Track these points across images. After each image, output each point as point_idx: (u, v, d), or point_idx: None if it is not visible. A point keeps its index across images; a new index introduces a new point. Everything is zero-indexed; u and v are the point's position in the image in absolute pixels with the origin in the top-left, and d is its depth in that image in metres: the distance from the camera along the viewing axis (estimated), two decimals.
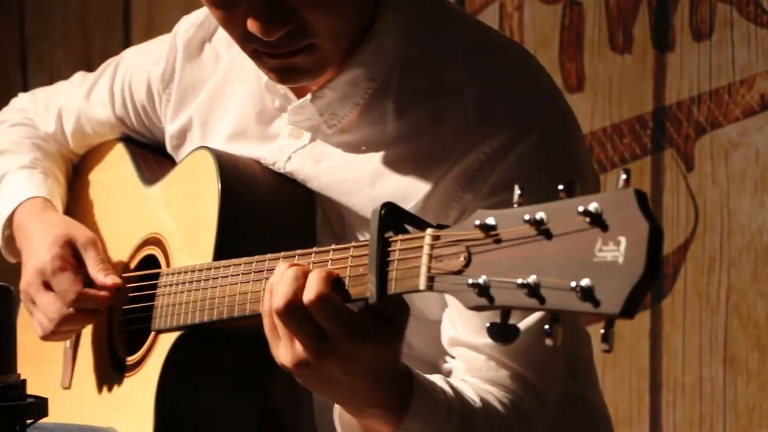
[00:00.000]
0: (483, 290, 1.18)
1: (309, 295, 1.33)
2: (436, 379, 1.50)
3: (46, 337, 1.79)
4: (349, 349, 1.34)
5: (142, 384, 1.69)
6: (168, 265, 1.73)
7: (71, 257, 1.80)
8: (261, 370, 1.62)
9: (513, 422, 1.53)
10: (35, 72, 3.26)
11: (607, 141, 2.62)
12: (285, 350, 1.36)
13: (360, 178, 1.62)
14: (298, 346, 1.35)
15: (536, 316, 1.50)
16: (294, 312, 1.33)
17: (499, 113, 1.57)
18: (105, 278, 1.77)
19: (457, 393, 1.50)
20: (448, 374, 1.58)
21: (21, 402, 1.33)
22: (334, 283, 1.35)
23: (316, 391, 1.42)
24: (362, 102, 1.63)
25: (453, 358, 1.59)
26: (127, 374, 1.75)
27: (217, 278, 1.57)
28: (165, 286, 1.69)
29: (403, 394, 1.42)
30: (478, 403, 1.51)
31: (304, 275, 1.35)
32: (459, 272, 1.21)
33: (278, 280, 1.36)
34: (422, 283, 1.26)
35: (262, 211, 1.66)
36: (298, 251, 1.44)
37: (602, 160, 2.62)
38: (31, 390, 1.36)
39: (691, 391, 2.54)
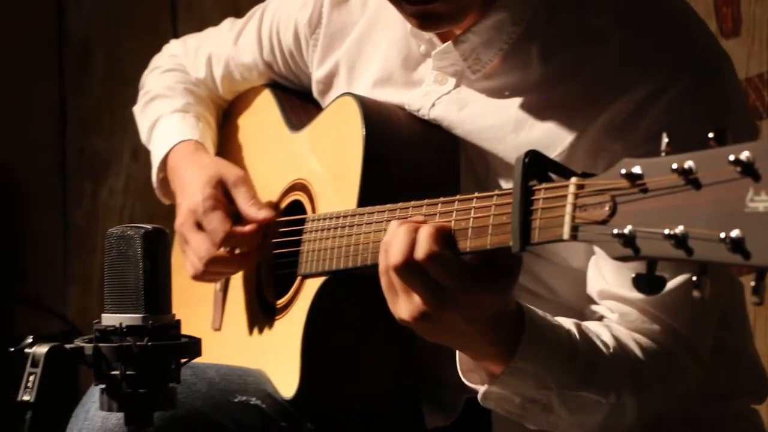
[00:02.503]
0: (628, 241, 1.16)
1: (419, 253, 1.36)
2: (565, 321, 1.50)
3: (196, 277, 1.84)
4: (465, 298, 1.36)
5: (289, 327, 1.72)
6: (314, 210, 1.75)
7: (223, 197, 1.83)
8: None
9: (665, 374, 1.52)
10: (185, 19, 3.32)
11: (763, 88, 2.54)
12: (404, 305, 1.39)
13: (504, 125, 1.61)
14: (417, 300, 1.38)
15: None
16: (409, 268, 1.37)
17: (647, 59, 1.54)
18: (257, 212, 1.80)
19: (587, 337, 1.49)
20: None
21: (176, 342, 1.36)
22: (444, 237, 1.37)
23: (434, 341, 1.45)
24: (506, 47, 1.62)
25: (604, 310, 1.58)
26: (275, 317, 1.79)
27: (362, 225, 1.59)
28: (310, 231, 1.71)
29: (515, 334, 1.44)
30: (616, 350, 1.50)
31: (415, 232, 1.37)
32: (604, 222, 1.20)
33: (391, 239, 1.38)
34: (566, 232, 1.25)
35: (406, 157, 1.67)
36: (441, 199, 1.44)
37: (758, 107, 2.54)
38: (183, 331, 1.39)
39: None
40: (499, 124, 1.61)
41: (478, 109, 1.64)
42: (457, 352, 1.50)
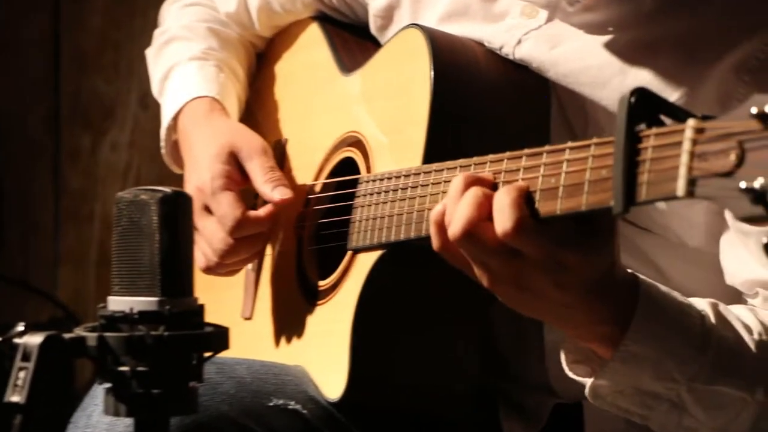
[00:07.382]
0: (759, 197, 1.15)
1: (502, 227, 1.37)
2: (698, 301, 1.49)
3: (208, 270, 1.85)
4: (550, 263, 1.38)
5: (336, 314, 1.74)
6: (369, 170, 1.77)
7: (236, 172, 1.85)
8: (478, 300, 1.62)
9: None
10: None
11: None
12: (482, 276, 1.42)
13: (608, 66, 1.63)
14: (495, 270, 1.41)
15: None
16: (475, 240, 1.39)
17: None
18: (272, 192, 1.81)
19: (725, 320, 1.49)
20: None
21: (199, 331, 1.37)
22: (526, 201, 1.38)
23: (529, 314, 1.47)
24: None
25: (751, 301, 1.59)
26: (318, 302, 1.81)
27: (428, 185, 1.60)
28: (365, 195, 1.73)
29: (627, 312, 1.44)
30: (763, 336, 1.49)
31: (487, 199, 1.39)
32: (728, 174, 1.19)
33: (455, 204, 1.40)
34: (681, 187, 1.24)
35: (484, 103, 1.68)
36: (526, 151, 1.44)
37: None
38: (208, 318, 1.38)
39: None
40: (602, 64, 1.63)
41: (575, 48, 1.66)
42: (563, 342, 1.51)
